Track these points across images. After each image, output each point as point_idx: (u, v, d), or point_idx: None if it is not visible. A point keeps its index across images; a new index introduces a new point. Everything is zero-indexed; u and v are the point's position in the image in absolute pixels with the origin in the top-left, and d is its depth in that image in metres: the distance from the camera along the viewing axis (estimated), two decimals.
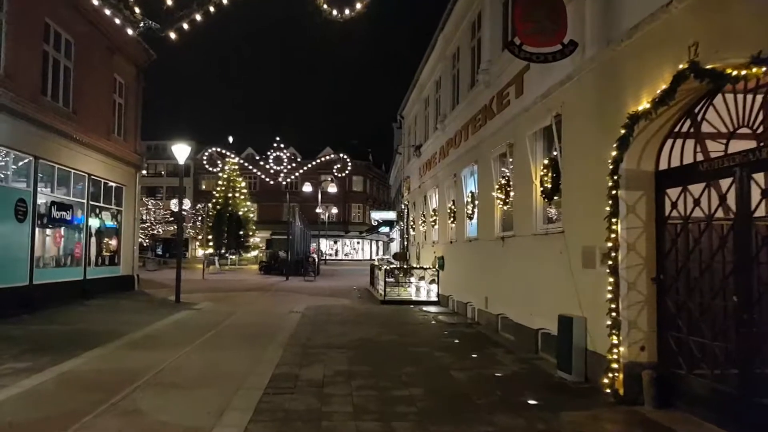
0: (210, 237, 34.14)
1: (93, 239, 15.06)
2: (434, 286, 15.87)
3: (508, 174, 10.05)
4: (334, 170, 25.35)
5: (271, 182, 27.24)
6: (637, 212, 6.20)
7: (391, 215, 32.00)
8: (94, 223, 15.16)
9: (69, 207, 13.26)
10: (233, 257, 39.17)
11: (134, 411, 5.16)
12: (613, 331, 6.03)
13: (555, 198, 7.98)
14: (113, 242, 16.46)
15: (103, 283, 15.29)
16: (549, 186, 7.96)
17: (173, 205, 37.03)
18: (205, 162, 24.76)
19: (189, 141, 14.79)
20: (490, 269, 10.95)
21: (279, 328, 10.55)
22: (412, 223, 21.81)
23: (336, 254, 63.97)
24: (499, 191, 10.18)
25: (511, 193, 9.76)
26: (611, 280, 6.06)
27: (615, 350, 6.01)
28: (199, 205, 50.70)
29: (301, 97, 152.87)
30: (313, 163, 26.83)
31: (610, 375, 6.03)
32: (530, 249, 8.83)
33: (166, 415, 5.09)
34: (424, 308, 14.48)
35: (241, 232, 37.98)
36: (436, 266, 15.67)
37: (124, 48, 16.38)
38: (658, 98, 5.47)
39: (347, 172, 26.08)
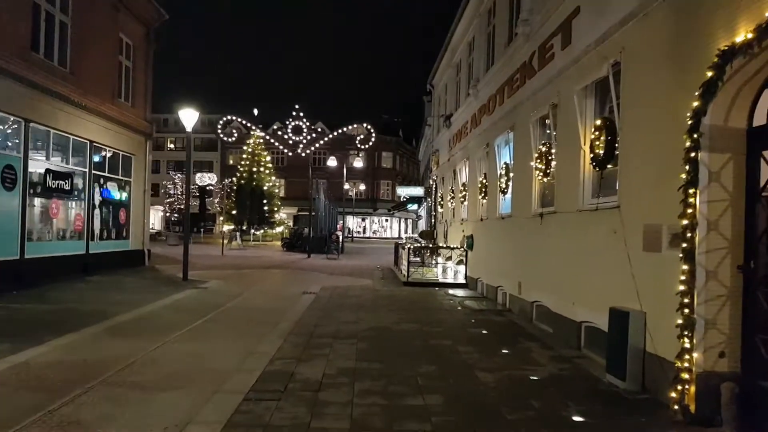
0: (233, 212, 33.41)
1: (97, 211, 14.25)
2: (462, 268, 14.59)
3: (549, 141, 8.62)
4: (358, 142, 23.96)
5: (302, 155, 26.11)
6: (723, 181, 4.79)
7: (418, 191, 30.58)
8: (98, 193, 14.33)
9: (67, 176, 12.40)
10: (258, 233, 38.55)
11: (70, 423, 4.11)
12: (685, 332, 4.69)
13: (608, 166, 6.55)
14: (122, 215, 15.64)
15: (109, 258, 14.52)
16: (601, 152, 6.54)
17: (198, 178, 36.51)
18: (220, 132, 23.67)
19: (204, 111, 13.68)
20: (525, 250, 9.60)
21: (286, 313, 9.49)
22: (440, 200, 20.44)
23: (364, 232, 63.07)
24: (538, 161, 8.77)
25: (553, 163, 8.34)
26: (685, 267, 4.69)
27: (686, 356, 4.68)
28: (226, 180, 50.21)
29: (331, 72, 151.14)
30: (335, 133, 25.44)
31: (679, 387, 4.71)
32: (575, 227, 7.45)
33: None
34: (450, 291, 13.24)
35: (266, 208, 37.23)
36: (465, 246, 14.36)
37: (132, 5, 15.31)
38: (766, 23, 4.02)
39: (371, 144, 24.70)
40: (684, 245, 4.69)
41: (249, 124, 31.57)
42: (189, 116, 13.34)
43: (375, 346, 7.05)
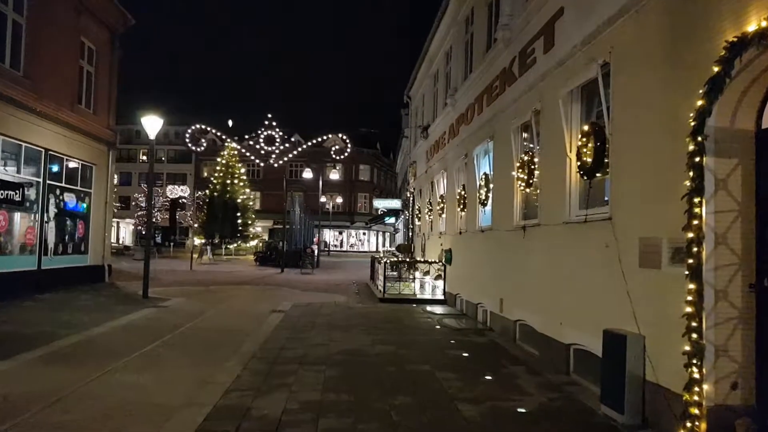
0: (202, 225, 32.35)
1: (52, 224, 13.28)
2: (440, 283, 14.01)
3: (531, 149, 8.12)
4: (334, 153, 23.31)
5: (275, 165, 25.29)
6: (731, 189, 4.32)
7: (395, 203, 30.00)
8: (53, 205, 13.38)
9: (18, 186, 11.46)
10: (231, 247, 37.45)
11: None
12: (693, 361, 4.12)
13: (598, 175, 6.05)
14: (80, 228, 14.68)
15: (64, 275, 13.55)
16: (590, 159, 6.03)
17: (169, 191, 35.34)
18: (188, 140, 22.81)
19: (177, 123, 12.88)
20: (507, 265, 9.05)
21: (250, 334, 8.75)
22: (417, 212, 19.90)
23: (341, 245, 62.19)
24: (520, 170, 8.25)
25: (536, 173, 7.84)
26: (691, 286, 4.14)
27: (695, 388, 4.10)
28: (199, 192, 49.03)
29: (308, 85, 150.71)
30: (311, 143, 24.75)
31: (689, 424, 4.13)
32: (561, 241, 6.91)
33: None
34: (428, 308, 12.62)
35: (240, 221, 36.20)
36: (443, 260, 13.79)
37: (95, 8, 14.51)
38: None
39: (348, 156, 24.13)
40: (690, 261, 4.15)
41: (223, 136, 30.71)
42: (152, 124, 12.57)
43: (345, 374, 6.36)
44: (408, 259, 16.51)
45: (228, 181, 36.92)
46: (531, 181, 7.99)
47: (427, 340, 8.72)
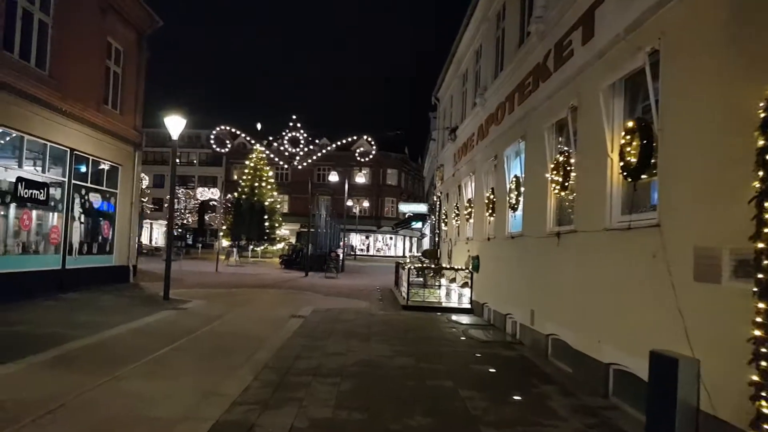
0: (229, 228, 32.38)
1: (76, 224, 13.24)
2: (467, 291, 13.44)
3: (567, 149, 7.54)
4: (359, 155, 22.94)
5: (299, 167, 25.12)
6: None
7: (421, 208, 29.42)
8: (78, 205, 13.34)
9: (42, 186, 11.42)
10: (258, 249, 37.44)
11: None
12: (762, 393, 3.53)
13: (643, 176, 5.46)
14: (105, 228, 14.63)
15: (89, 274, 13.49)
16: (634, 159, 5.45)
17: (199, 193, 35.56)
18: (212, 141, 22.78)
19: (187, 116, 12.69)
20: (539, 275, 8.46)
21: (266, 340, 8.37)
22: (444, 217, 19.35)
23: (367, 250, 61.86)
24: (554, 172, 7.67)
25: (572, 174, 7.25)
26: (761, 306, 3.55)
27: (764, 425, 3.51)
28: (228, 195, 49.44)
29: (337, 88, 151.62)
30: (337, 144, 24.41)
31: None
32: (601, 249, 6.32)
33: None
34: (454, 317, 12.06)
35: (267, 224, 36.18)
36: (470, 267, 13.22)
37: (121, 8, 14.49)
38: None
39: (375, 160, 23.79)
40: (759, 276, 3.55)
41: (252, 140, 30.75)
42: (175, 123, 12.40)
43: (361, 388, 5.90)
44: (433, 266, 15.97)
45: (256, 184, 36.98)
46: (566, 184, 7.40)
47: (451, 352, 8.19)
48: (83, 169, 13.53)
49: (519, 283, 9.52)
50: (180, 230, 53.86)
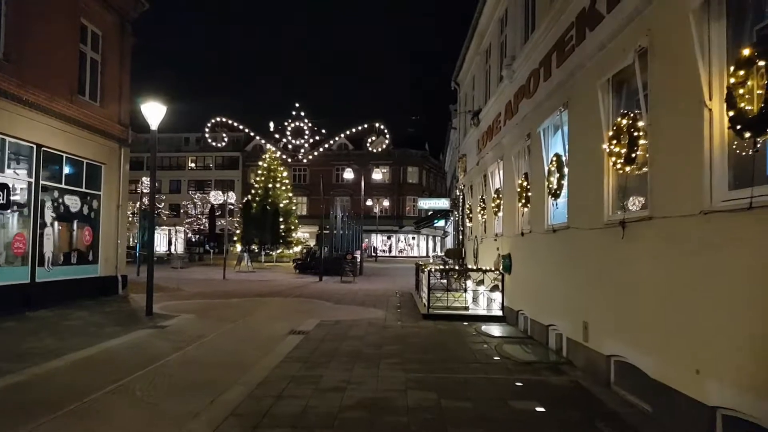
0: (241, 231, 30.90)
1: (48, 230, 11.71)
2: (497, 295, 11.50)
3: (631, 110, 5.62)
4: (370, 143, 21.16)
5: (305, 160, 23.53)
6: None
7: (442, 203, 27.41)
8: (50, 210, 11.82)
9: (1, 187, 9.87)
10: (273, 253, 35.92)
11: None
12: None
13: None
14: (86, 235, 13.10)
15: (67, 288, 11.98)
16: (754, 106, 3.55)
17: (212, 196, 34.25)
18: (207, 134, 21.25)
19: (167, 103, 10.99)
20: (594, 276, 6.53)
21: (247, 370, 6.62)
22: (468, 212, 17.41)
23: (389, 250, 60.01)
24: (614, 142, 5.74)
25: (641, 141, 5.33)
26: None
27: None
28: (246, 198, 48.18)
29: (357, 85, 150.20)
30: (348, 132, 22.65)
31: None
32: (696, 240, 4.38)
33: None
34: (483, 327, 10.17)
35: (282, 227, 34.61)
36: (500, 268, 11.30)
37: None
38: None
39: (393, 154, 21.91)
40: None
41: (262, 140, 29.26)
42: (154, 111, 10.75)
43: None
44: (457, 267, 14.07)
45: (270, 186, 35.47)
46: (633, 156, 5.46)
47: (483, 380, 6.31)
48: (55, 168, 12.00)
49: (565, 288, 7.59)
50: (197, 236, 52.90)
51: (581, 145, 7.07)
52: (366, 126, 21.58)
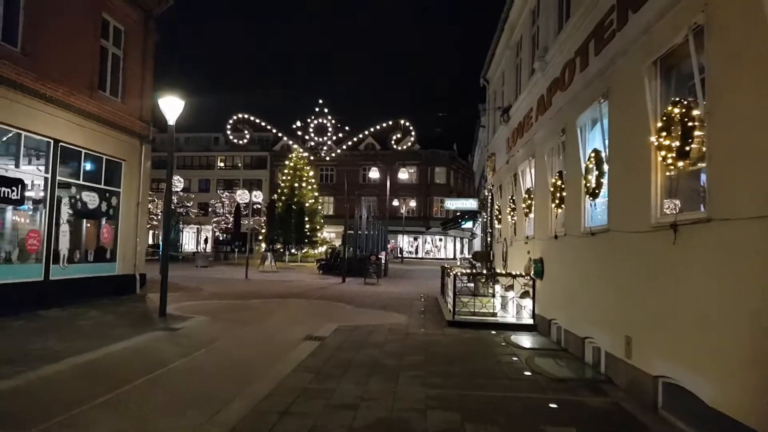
0: (271, 231, 30.70)
1: (65, 228, 11.49)
2: (528, 302, 10.80)
3: (683, 99, 4.92)
4: (395, 140, 20.58)
5: (327, 158, 23.12)
6: None
7: (470, 203, 26.61)
8: (67, 206, 11.61)
9: (15, 182, 9.67)
10: (298, 253, 35.65)
11: None
12: None
13: None
14: (105, 233, 12.89)
15: (83, 286, 11.76)
16: None
17: (238, 196, 34.19)
18: (228, 131, 20.96)
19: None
20: (639, 285, 5.83)
21: (254, 380, 6.14)
22: (497, 213, 16.67)
23: (416, 252, 59.28)
24: (663, 134, 5.05)
25: (696, 132, 4.63)
26: None
27: None
28: (272, 197, 48.18)
29: (384, 86, 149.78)
30: (373, 129, 22.09)
31: None
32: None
33: None
34: (512, 337, 9.50)
35: (308, 226, 34.30)
36: (531, 273, 10.59)
37: None
38: None
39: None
40: None
41: (291, 143, 29.00)
42: (171, 105, 10.41)
43: None
44: (485, 271, 13.38)
45: (296, 185, 35.22)
46: (687, 149, 4.77)
47: (513, 400, 5.67)
48: (73, 164, 11.79)
49: (604, 297, 6.89)
50: (225, 235, 53.14)
51: (624, 139, 6.37)
52: (391, 123, 21.00)
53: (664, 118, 5.09)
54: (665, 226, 5.17)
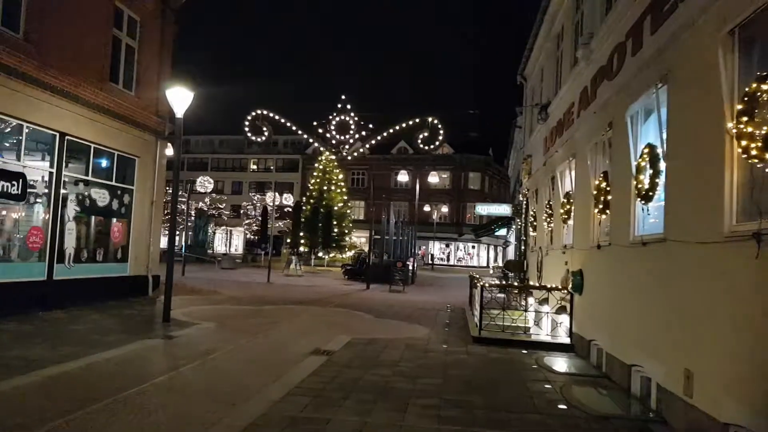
0: (299, 234, 30.11)
1: (71, 225, 10.96)
2: (564, 318, 9.65)
3: None
4: (420, 138, 19.62)
5: (349, 157, 22.35)
6: None
7: (503, 209, 25.32)
8: (73, 203, 11.08)
9: (16, 176, 9.14)
10: (324, 257, 34.96)
11: None
12: None
13: None
14: (115, 231, 12.35)
15: (90, 287, 11.21)
16: None
17: (268, 198, 33.78)
18: (247, 129, 20.37)
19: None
20: (706, 307, 4.72)
21: (240, 405, 5.29)
22: (532, 220, 15.51)
23: (448, 259, 57.93)
24: (744, 118, 3.97)
25: None
26: None
27: None
28: (299, 200, 47.81)
29: (413, 92, 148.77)
30: (399, 127, 21.19)
31: None
32: None
33: None
34: (546, 359, 8.40)
35: (336, 230, 33.60)
36: (569, 287, 9.45)
37: None
38: None
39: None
40: None
41: (316, 144, 28.38)
42: (180, 97, 9.76)
43: None
44: (516, 283, 12.25)
45: (325, 188, 34.64)
46: None
47: None
48: (81, 159, 11.28)
49: (657, 319, 5.77)
50: (255, 237, 53.04)
51: (688, 129, 5.27)
52: (418, 121, 20.04)
53: (746, 99, 4.02)
54: (744, 236, 4.07)
